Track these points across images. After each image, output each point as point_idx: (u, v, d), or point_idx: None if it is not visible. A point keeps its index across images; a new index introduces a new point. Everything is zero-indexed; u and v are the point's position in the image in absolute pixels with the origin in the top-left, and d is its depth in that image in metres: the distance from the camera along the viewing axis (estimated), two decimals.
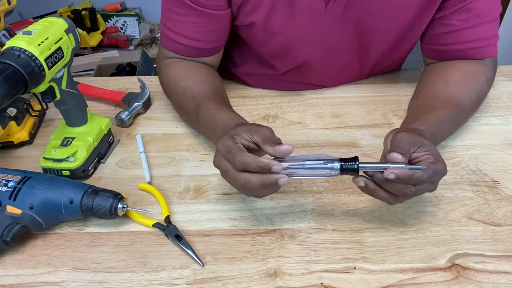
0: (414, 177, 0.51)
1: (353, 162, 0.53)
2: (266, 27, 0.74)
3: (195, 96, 0.72)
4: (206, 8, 0.71)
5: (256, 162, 0.52)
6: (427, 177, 0.52)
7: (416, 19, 0.74)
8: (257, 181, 0.52)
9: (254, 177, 0.52)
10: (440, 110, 0.68)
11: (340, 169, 0.53)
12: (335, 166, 0.53)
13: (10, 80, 0.55)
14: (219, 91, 0.75)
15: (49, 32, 0.61)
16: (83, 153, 0.68)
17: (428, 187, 0.54)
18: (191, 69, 0.77)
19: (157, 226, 0.61)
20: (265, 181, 0.52)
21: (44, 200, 0.59)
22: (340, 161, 0.53)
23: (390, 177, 0.50)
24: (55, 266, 0.58)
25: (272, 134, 0.56)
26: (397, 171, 0.50)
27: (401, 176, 0.50)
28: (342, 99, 0.86)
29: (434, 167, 0.52)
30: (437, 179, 0.55)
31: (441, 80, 0.74)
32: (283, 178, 0.52)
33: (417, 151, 0.54)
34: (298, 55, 0.80)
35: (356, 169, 0.52)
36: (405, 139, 0.55)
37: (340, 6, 0.71)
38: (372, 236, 0.60)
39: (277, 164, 0.51)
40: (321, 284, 0.54)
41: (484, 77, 0.74)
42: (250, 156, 0.52)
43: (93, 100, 0.87)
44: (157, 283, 0.55)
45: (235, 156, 0.52)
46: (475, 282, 0.54)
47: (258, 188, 0.53)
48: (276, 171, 0.51)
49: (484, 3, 0.71)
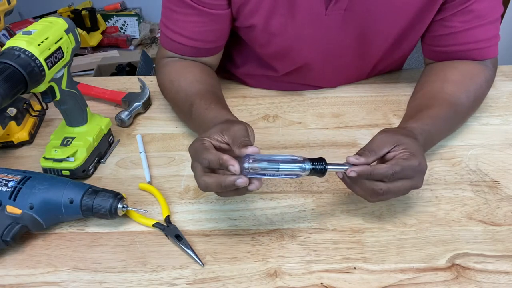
0: (377, 173, 0.53)
1: (321, 163, 0.53)
2: (266, 29, 0.74)
3: (187, 95, 0.72)
4: (206, 8, 0.71)
5: (217, 158, 0.51)
6: (392, 173, 0.52)
7: (416, 20, 0.74)
8: (214, 183, 0.51)
9: (211, 179, 0.52)
10: (436, 108, 0.68)
11: (311, 170, 0.53)
12: (307, 167, 0.53)
13: (10, 80, 0.55)
14: (212, 89, 0.74)
15: (49, 32, 0.61)
16: (83, 153, 0.68)
17: (406, 184, 0.54)
18: (186, 68, 0.77)
19: (157, 226, 0.61)
20: (221, 183, 0.51)
21: (44, 200, 0.59)
22: (311, 162, 0.53)
23: (351, 175, 0.53)
24: (55, 266, 0.58)
25: (243, 134, 0.55)
26: (356, 169, 0.53)
27: (361, 173, 0.53)
28: (342, 99, 0.86)
29: (403, 162, 0.53)
30: (415, 175, 0.55)
31: (439, 79, 0.74)
32: (241, 179, 0.50)
33: (394, 150, 0.55)
34: (298, 57, 0.80)
35: (324, 170, 0.53)
36: (378, 140, 0.57)
37: (341, 8, 0.71)
38: (372, 236, 0.60)
39: (233, 164, 0.50)
40: (321, 284, 0.54)
41: (483, 77, 0.74)
42: (213, 153, 0.52)
43: (93, 100, 0.87)
44: (157, 283, 0.55)
45: (201, 155, 0.52)
46: (475, 282, 0.54)
47: (217, 189, 0.52)
48: (232, 171, 0.50)
49: (485, 5, 0.70)
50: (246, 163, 0.50)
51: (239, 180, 0.50)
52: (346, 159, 0.55)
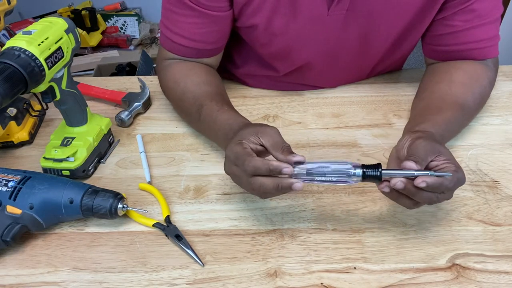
0: (444, 185, 0.51)
1: (376, 169, 0.52)
2: (268, 29, 0.74)
3: (196, 97, 0.72)
4: (207, 9, 0.71)
5: (266, 165, 0.52)
6: (452, 185, 0.52)
7: (417, 19, 0.74)
8: (271, 184, 0.53)
9: (269, 180, 0.53)
10: (447, 112, 0.68)
11: (363, 176, 0.52)
12: (357, 173, 0.52)
13: (10, 80, 0.55)
14: (220, 91, 0.75)
15: (49, 32, 0.61)
16: (83, 153, 0.68)
17: (448, 195, 0.54)
18: (190, 69, 0.77)
19: (157, 226, 0.61)
20: (279, 184, 0.52)
21: (44, 200, 0.59)
22: (363, 168, 0.52)
23: (421, 185, 0.50)
24: (55, 266, 0.58)
25: (279, 137, 0.56)
26: (428, 180, 0.50)
27: (431, 185, 0.50)
28: (342, 99, 0.86)
29: (457, 175, 0.52)
30: (456, 188, 0.54)
31: (445, 80, 0.74)
32: (298, 184, 0.52)
33: (436, 160, 0.53)
34: (299, 57, 0.79)
35: (379, 176, 0.52)
36: (422, 147, 0.54)
37: (343, 8, 0.71)
38: (372, 236, 0.60)
39: (287, 166, 0.52)
40: (321, 284, 0.54)
41: (487, 78, 0.74)
42: (260, 160, 0.53)
43: (93, 100, 0.87)
44: (157, 283, 0.55)
45: (244, 162, 0.53)
46: (475, 282, 0.54)
47: (272, 191, 0.53)
48: (286, 173, 0.52)
49: (486, 4, 0.70)
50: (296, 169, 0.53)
51: (297, 185, 0.51)
52: (405, 164, 0.51)
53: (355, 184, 0.53)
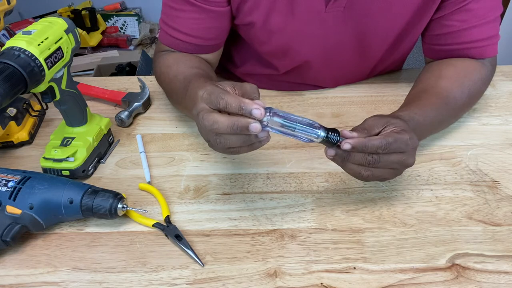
0: (371, 144, 0.53)
1: (337, 134, 0.54)
2: (265, 26, 0.74)
3: (186, 77, 0.69)
4: (206, 5, 0.71)
5: (238, 101, 0.47)
6: (386, 143, 0.53)
7: (415, 18, 0.74)
8: (225, 121, 0.47)
9: (223, 118, 0.48)
10: (426, 99, 0.69)
11: (323, 138, 0.53)
12: (321, 134, 0.53)
13: (10, 80, 0.55)
14: (211, 75, 0.73)
15: (49, 32, 0.61)
16: (83, 153, 0.68)
17: (398, 157, 0.55)
18: (184, 56, 0.76)
19: (157, 226, 0.61)
20: (234, 122, 0.47)
21: (44, 200, 0.59)
22: (326, 130, 0.53)
23: (345, 147, 0.53)
24: (55, 266, 0.58)
25: (253, 91, 0.52)
26: (351, 141, 0.53)
27: (356, 145, 0.53)
28: (342, 99, 0.86)
29: (396, 135, 0.54)
30: (407, 150, 0.55)
31: (434, 76, 0.74)
32: (255, 123, 0.47)
33: (384, 130, 0.56)
34: (298, 55, 0.80)
35: (336, 142, 0.54)
36: (372, 120, 0.58)
37: (340, 6, 0.71)
38: (372, 236, 0.60)
39: (258, 107, 0.47)
40: (321, 284, 0.54)
41: (479, 74, 0.74)
42: (234, 96, 0.49)
43: (93, 100, 0.87)
44: (157, 283, 0.55)
45: (218, 96, 0.49)
46: (475, 282, 0.54)
47: (225, 130, 0.48)
48: (256, 115, 0.47)
49: (483, 4, 0.70)
50: (266, 116, 0.48)
51: (254, 125, 0.47)
52: (341, 132, 0.54)
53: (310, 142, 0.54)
